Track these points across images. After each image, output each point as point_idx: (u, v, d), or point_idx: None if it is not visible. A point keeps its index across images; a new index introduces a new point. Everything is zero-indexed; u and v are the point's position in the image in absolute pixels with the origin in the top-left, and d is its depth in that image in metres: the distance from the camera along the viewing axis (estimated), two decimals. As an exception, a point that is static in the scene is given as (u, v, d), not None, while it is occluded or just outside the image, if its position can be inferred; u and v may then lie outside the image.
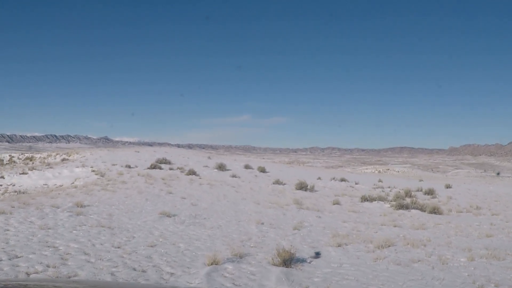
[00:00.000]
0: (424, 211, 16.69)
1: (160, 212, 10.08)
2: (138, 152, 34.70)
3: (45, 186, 22.30)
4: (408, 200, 19.41)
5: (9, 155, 37.37)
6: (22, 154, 37.79)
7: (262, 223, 10.41)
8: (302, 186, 22.91)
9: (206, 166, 28.76)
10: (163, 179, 20.16)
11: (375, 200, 19.71)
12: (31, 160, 33.92)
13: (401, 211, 16.85)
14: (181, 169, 25.13)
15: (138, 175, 21.16)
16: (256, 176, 27.66)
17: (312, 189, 22.65)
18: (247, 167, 31.11)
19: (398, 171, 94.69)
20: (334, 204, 17.80)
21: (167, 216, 9.86)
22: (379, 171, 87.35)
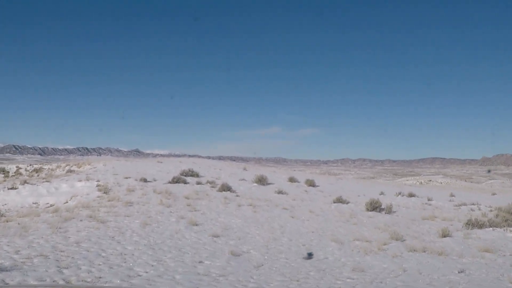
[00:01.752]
0: None
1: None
2: (161, 162, 29.07)
3: (35, 205, 17.03)
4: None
5: (16, 166, 32.52)
6: (30, 165, 32.88)
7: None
8: (375, 206, 16.88)
9: (243, 180, 22.84)
10: (186, 198, 14.34)
11: (487, 226, 13.57)
12: (37, 172, 28.96)
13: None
14: (211, 183, 19.29)
15: (154, 192, 15.43)
16: (306, 191, 21.60)
17: (389, 210, 16.51)
18: (292, 180, 25.05)
19: (441, 183, 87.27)
20: (443, 236, 11.70)
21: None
22: (421, 183, 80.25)
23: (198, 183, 19.04)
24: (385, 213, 16.21)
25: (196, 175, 21.67)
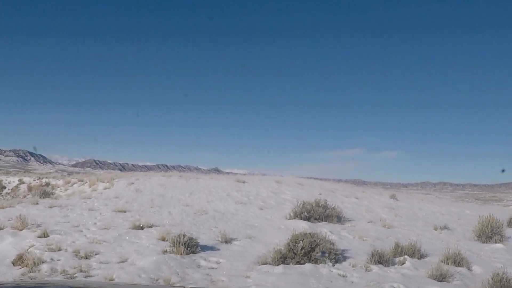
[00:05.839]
0: None
1: None
2: (244, 183, 16.10)
3: None
4: None
5: (19, 180, 21.82)
6: (39, 178, 22.11)
7: None
8: None
9: (446, 230, 9.23)
10: None
11: None
12: (31, 190, 18.36)
13: None
14: (399, 252, 5.88)
15: None
16: None
17: None
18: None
19: None
20: None
21: None
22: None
23: (380, 267, 5.66)
24: None
25: (335, 216, 8.43)
